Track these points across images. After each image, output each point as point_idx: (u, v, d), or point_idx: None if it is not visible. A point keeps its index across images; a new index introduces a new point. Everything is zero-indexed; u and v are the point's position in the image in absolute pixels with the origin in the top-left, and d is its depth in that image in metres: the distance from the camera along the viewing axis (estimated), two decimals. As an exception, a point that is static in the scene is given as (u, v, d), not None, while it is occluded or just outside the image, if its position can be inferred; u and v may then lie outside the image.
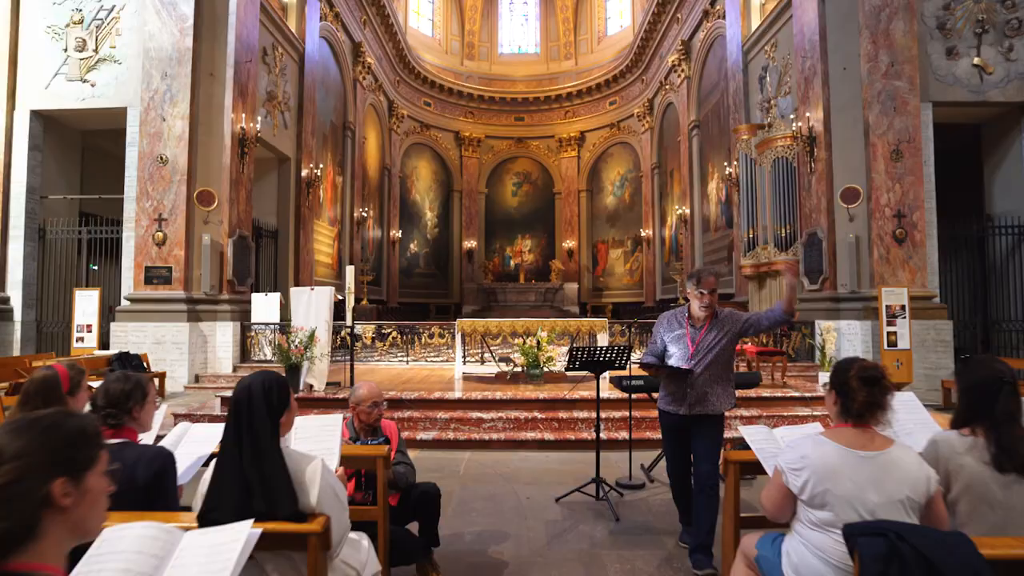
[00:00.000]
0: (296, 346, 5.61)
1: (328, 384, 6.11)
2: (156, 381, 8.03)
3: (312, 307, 5.91)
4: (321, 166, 13.35)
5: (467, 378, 7.32)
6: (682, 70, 17.09)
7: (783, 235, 10.36)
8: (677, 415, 2.83)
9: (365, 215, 18.27)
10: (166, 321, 8.59)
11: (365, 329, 9.25)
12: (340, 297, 6.14)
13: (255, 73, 9.85)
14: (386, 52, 19.53)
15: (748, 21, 12.19)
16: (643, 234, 22.06)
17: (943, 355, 8.30)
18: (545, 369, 6.49)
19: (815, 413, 5.72)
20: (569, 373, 7.26)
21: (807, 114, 9.35)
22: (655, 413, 5.24)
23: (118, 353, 7.69)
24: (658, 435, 5.07)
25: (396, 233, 21.61)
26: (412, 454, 4.85)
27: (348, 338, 6.48)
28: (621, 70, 22.20)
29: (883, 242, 8.61)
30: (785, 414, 5.72)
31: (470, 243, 24.82)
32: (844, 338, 8.83)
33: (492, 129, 24.90)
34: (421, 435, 5.18)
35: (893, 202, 8.60)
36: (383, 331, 9.21)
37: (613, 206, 24.36)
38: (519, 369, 6.65)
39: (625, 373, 4.26)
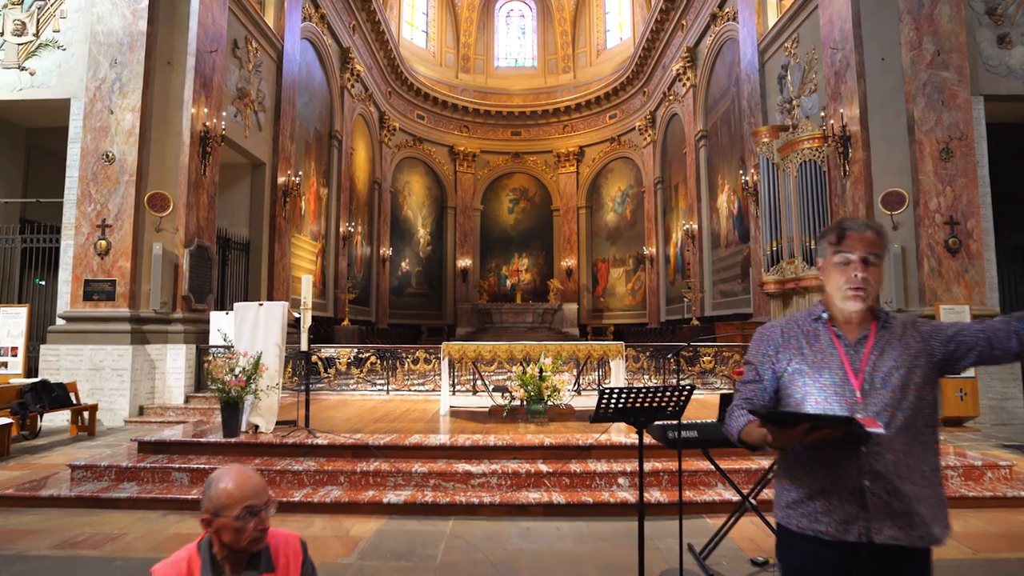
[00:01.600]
0: (235, 376, 4.41)
1: (279, 424, 4.87)
2: (85, 415, 6.77)
3: (260, 327, 4.72)
4: (301, 173, 12.27)
5: (455, 413, 6.11)
6: (687, 79, 16.24)
7: (811, 247, 9.27)
8: (839, 545, 1.34)
9: (352, 230, 17.15)
10: (106, 343, 7.37)
11: (341, 353, 8.04)
12: (297, 315, 4.94)
13: (222, 65, 8.81)
14: (377, 61, 18.66)
15: (764, 19, 11.30)
16: (646, 252, 21.02)
17: (1011, 384, 7.14)
18: (550, 403, 5.30)
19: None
20: (577, 406, 6.07)
21: (840, 111, 8.35)
22: (701, 465, 4.04)
23: (34, 382, 6.43)
24: (707, 495, 3.87)
25: (386, 251, 20.50)
26: (373, 524, 3.58)
27: (308, 365, 5.24)
28: (621, 82, 21.43)
29: (934, 253, 7.51)
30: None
31: (465, 262, 23.72)
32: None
33: (488, 144, 24.02)
34: (390, 496, 3.94)
35: (944, 207, 7.53)
36: (360, 356, 7.99)
37: (614, 223, 23.38)
38: (517, 402, 5.46)
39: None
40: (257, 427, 4.74)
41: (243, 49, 9.89)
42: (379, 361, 8.06)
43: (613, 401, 2.32)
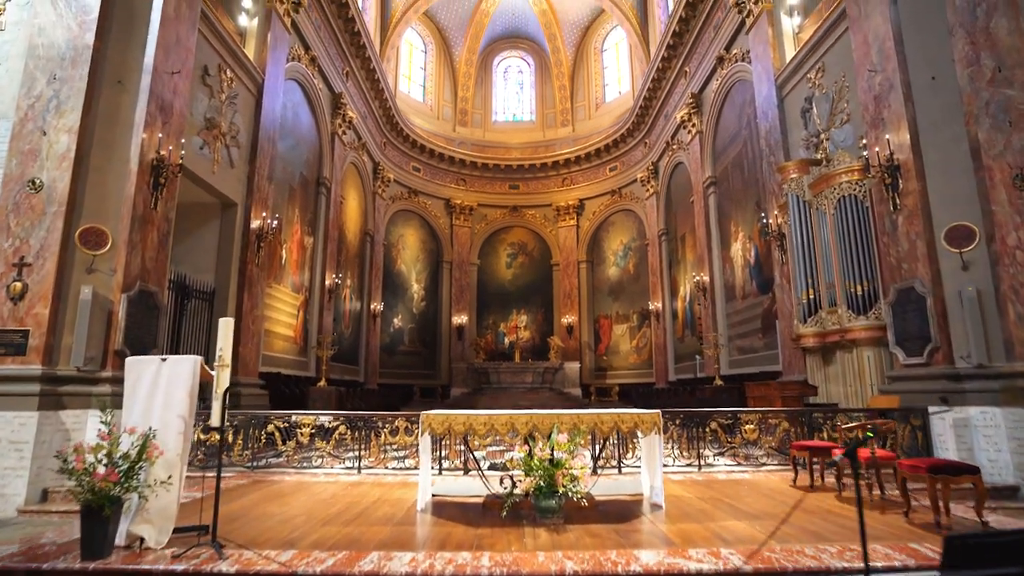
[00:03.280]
0: (109, 466, 2.99)
1: (178, 532, 3.38)
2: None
3: (160, 391, 3.34)
4: (279, 217, 11.16)
5: (439, 505, 4.62)
6: (692, 125, 15.56)
7: (858, 293, 8.03)
8: None
9: (340, 283, 15.93)
10: (5, 409, 5.90)
11: (301, 422, 6.56)
12: (213, 372, 3.53)
13: (186, 90, 7.83)
14: (372, 111, 18.09)
15: (780, 52, 10.58)
16: (651, 307, 19.81)
17: None
18: (567, 494, 3.84)
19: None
20: (599, 495, 4.59)
21: (886, 137, 7.32)
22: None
23: None
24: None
25: (378, 306, 19.22)
26: None
27: (222, 446, 3.76)
28: (621, 134, 20.95)
29: (1019, 297, 6.25)
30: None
31: (460, 318, 22.42)
32: (977, 433, 6.25)
33: (485, 197, 23.30)
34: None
35: (1026, 243, 6.34)
36: (327, 425, 6.52)
37: (616, 277, 22.30)
38: (520, 493, 3.99)
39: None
40: (143, 539, 3.26)
41: (215, 77, 8.99)
42: (350, 432, 6.57)
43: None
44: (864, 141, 7.88)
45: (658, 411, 4.63)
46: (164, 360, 3.50)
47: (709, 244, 15.11)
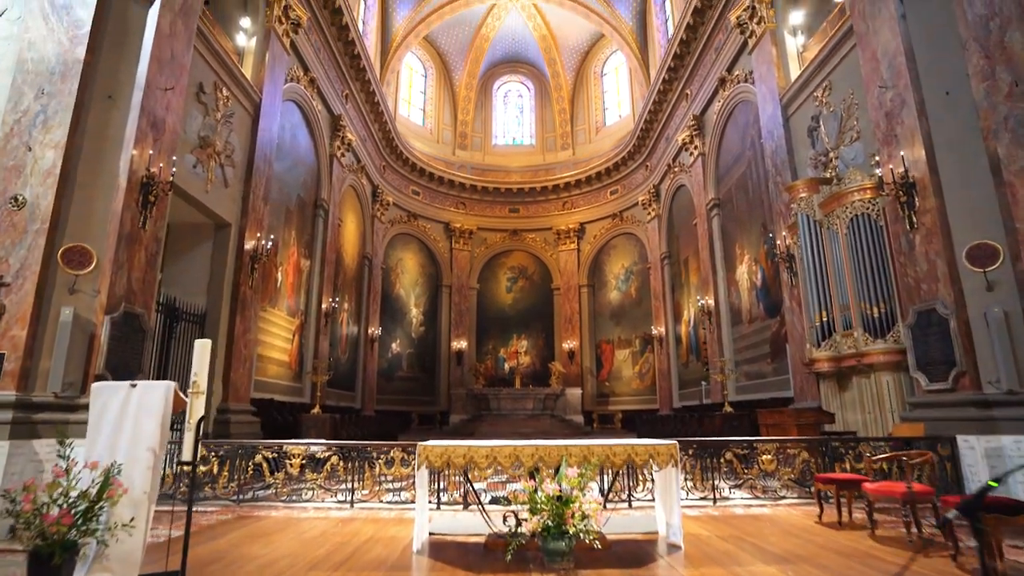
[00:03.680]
0: (64, 506, 2.63)
1: (145, 579, 3.01)
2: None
3: (127, 421, 2.98)
4: (273, 238, 10.90)
5: (437, 547, 4.22)
6: (695, 147, 15.46)
7: (874, 315, 7.71)
8: None
9: (337, 307, 15.60)
10: (-27, 439, 5.52)
11: (291, 452, 6.17)
12: (186, 398, 3.17)
13: (180, 107, 7.64)
14: (371, 134, 18.02)
15: (784, 72, 10.48)
16: (654, 332, 19.45)
17: None
18: (578, 535, 3.46)
19: None
20: (611, 534, 4.19)
21: (900, 153, 7.10)
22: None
23: None
24: None
25: (375, 330, 18.86)
26: None
27: (193, 482, 3.34)
28: (622, 157, 20.89)
29: (1049, 318, 5.94)
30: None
31: (460, 343, 22.02)
32: (1011, 463, 5.86)
33: (485, 220, 23.15)
34: None
35: (1052, 262, 6.05)
36: (318, 456, 6.13)
37: (618, 302, 21.98)
38: (525, 533, 3.61)
39: None
40: (100, 589, 2.89)
41: (210, 95, 8.82)
42: (343, 463, 6.17)
43: None
44: (876, 158, 7.67)
45: (674, 442, 4.26)
46: (134, 386, 3.16)
47: (713, 267, 14.85)
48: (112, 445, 2.99)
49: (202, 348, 3.07)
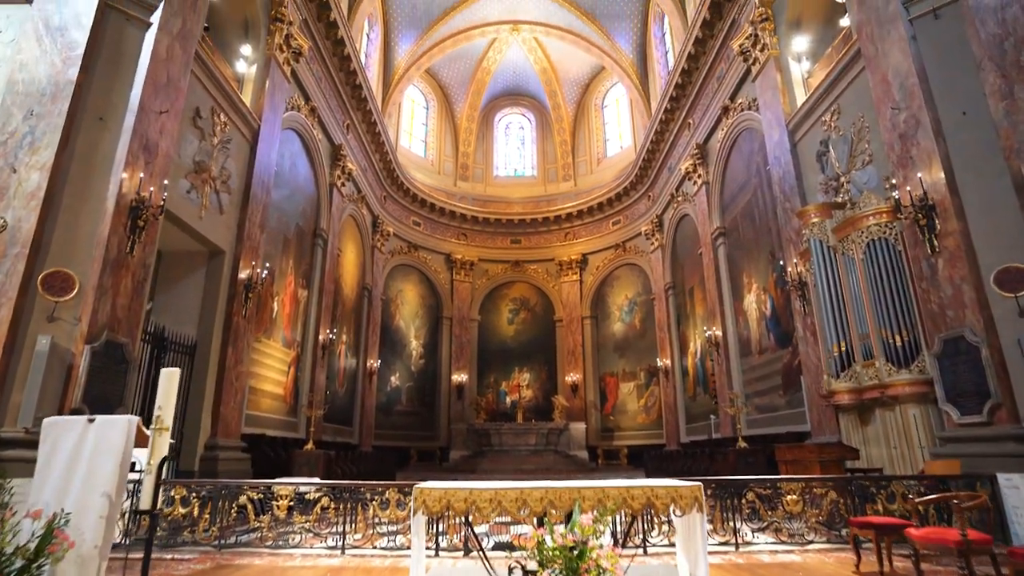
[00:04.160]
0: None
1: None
2: None
3: (82, 463, 2.59)
4: (269, 266, 10.60)
5: (433, 597, 3.76)
6: (698, 176, 15.33)
7: (897, 344, 7.33)
8: None
9: (334, 338, 15.20)
10: (-69, 479, 5.08)
11: (279, 493, 5.71)
12: (150, 432, 2.77)
13: (174, 130, 7.46)
14: (372, 164, 17.98)
15: (790, 98, 10.38)
16: (659, 364, 18.97)
17: None
18: (595, 589, 3.03)
19: None
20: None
21: (917, 175, 6.86)
22: None
23: None
24: None
25: (374, 363, 18.39)
26: None
27: (152, 530, 2.91)
28: (624, 188, 20.81)
29: (1089, 345, 5.57)
30: None
31: (460, 377, 21.50)
32: (1059, 504, 5.40)
33: (486, 252, 22.94)
34: None
35: (1088, 285, 5.72)
36: (308, 496, 5.67)
37: (621, 333, 21.56)
38: (537, 586, 3.17)
39: None
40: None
41: (207, 119, 8.67)
42: (334, 504, 5.70)
43: None
44: (892, 181, 7.43)
45: (698, 483, 3.84)
46: (92, 421, 2.79)
47: (720, 297, 14.51)
48: (62, 489, 2.61)
49: (168, 378, 2.70)
